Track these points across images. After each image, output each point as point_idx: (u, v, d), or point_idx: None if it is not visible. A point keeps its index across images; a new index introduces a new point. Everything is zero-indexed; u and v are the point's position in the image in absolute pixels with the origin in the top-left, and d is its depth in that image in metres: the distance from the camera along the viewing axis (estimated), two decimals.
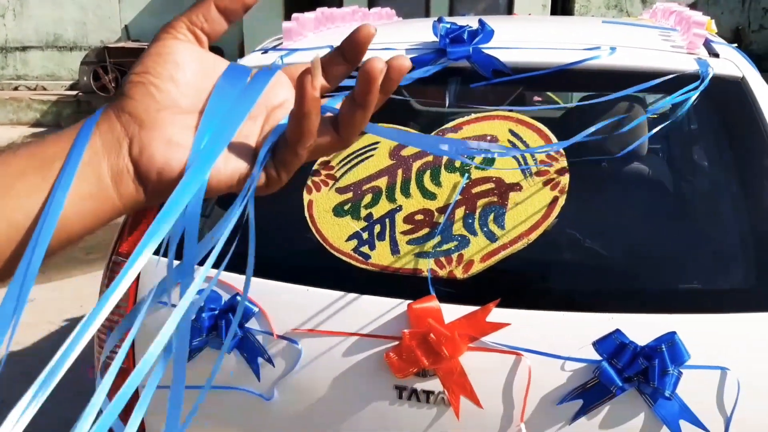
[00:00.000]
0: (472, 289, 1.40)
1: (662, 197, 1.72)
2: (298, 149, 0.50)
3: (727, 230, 1.53)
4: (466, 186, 1.47)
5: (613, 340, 1.31)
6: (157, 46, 0.52)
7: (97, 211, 0.49)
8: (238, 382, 1.52)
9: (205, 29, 0.53)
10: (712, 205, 1.63)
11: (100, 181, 0.48)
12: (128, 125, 0.49)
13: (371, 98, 0.49)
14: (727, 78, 1.52)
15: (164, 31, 0.53)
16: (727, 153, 1.51)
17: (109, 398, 0.44)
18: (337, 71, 0.53)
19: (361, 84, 0.49)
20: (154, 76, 0.51)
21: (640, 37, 1.84)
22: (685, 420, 1.30)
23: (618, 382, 1.29)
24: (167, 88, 0.51)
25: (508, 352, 1.35)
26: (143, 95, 0.50)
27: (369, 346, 1.42)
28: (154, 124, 0.49)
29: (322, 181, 1.56)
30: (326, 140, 0.52)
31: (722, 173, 1.59)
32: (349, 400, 1.45)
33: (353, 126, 0.51)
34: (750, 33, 11.37)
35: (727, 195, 1.55)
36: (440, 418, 1.40)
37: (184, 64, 0.52)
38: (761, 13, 11.39)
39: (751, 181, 1.45)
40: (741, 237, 1.46)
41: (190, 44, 0.53)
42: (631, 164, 1.71)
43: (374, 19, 2.37)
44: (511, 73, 1.56)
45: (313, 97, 0.48)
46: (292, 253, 1.67)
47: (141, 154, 0.49)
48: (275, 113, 0.53)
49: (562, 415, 1.34)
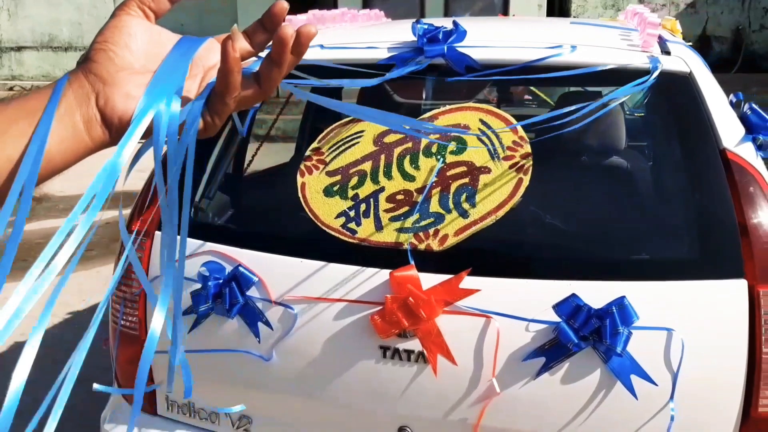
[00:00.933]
0: (447, 260, 1.57)
1: (617, 180, 1.90)
2: (226, 99, 0.62)
3: (673, 209, 1.71)
4: (441, 169, 1.64)
5: (571, 304, 1.48)
6: (114, 20, 0.64)
7: (74, 150, 0.61)
8: (240, 345, 1.68)
9: (152, 8, 0.65)
10: (661, 186, 1.81)
11: (74, 127, 0.60)
12: (94, 83, 0.61)
13: (285, 57, 0.62)
14: (676, 73, 1.70)
15: (119, 8, 0.65)
16: (675, 140, 1.69)
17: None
18: (260, 39, 0.66)
19: (276, 45, 0.62)
20: (113, 44, 0.63)
21: (602, 36, 2.02)
22: (635, 375, 1.47)
23: (575, 340, 1.46)
24: (123, 53, 0.63)
25: (479, 315, 1.52)
26: (105, 59, 0.62)
27: (356, 311, 1.59)
28: (115, 82, 0.62)
29: (313, 166, 1.73)
30: (250, 92, 0.64)
31: (671, 158, 1.77)
32: (338, 359, 1.62)
33: (271, 80, 0.64)
34: (750, 33, 11.45)
35: (674, 178, 1.73)
36: (419, 375, 1.57)
37: (136, 34, 0.64)
38: (761, 13, 11.45)
39: (695, 165, 1.63)
40: (686, 215, 1.63)
41: (141, 19, 0.65)
42: (590, 151, 1.89)
43: (363, 20, 2.54)
44: (481, 69, 1.73)
45: (234, 57, 0.60)
46: (287, 230, 1.84)
47: (105, 104, 0.61)
48: (210, 73, 0.66)
49: (527, 371, 1.51)
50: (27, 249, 0.52)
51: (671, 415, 1.46)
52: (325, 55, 1.86)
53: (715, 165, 1.56)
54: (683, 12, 11.55)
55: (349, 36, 2.04)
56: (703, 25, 11.59)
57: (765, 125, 1.65)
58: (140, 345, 1.80)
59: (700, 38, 11.49)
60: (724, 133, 1.60)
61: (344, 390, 1.63)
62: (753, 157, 1.60)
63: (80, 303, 4.59)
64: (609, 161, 1.94)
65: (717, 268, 1.50)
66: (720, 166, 1.56)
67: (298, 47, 0.62)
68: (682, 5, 11.57)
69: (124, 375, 1.88)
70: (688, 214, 1.62)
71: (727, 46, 11.57)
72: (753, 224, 1.50)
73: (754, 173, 1.56)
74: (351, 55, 1.89)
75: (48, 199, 7.28)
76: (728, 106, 1.69)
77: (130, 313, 1.81)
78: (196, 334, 1.72)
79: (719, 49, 11.57)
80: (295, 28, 0.61)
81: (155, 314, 0.64)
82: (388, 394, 1.60)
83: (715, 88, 1.73)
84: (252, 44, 0.66)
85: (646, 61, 1.70)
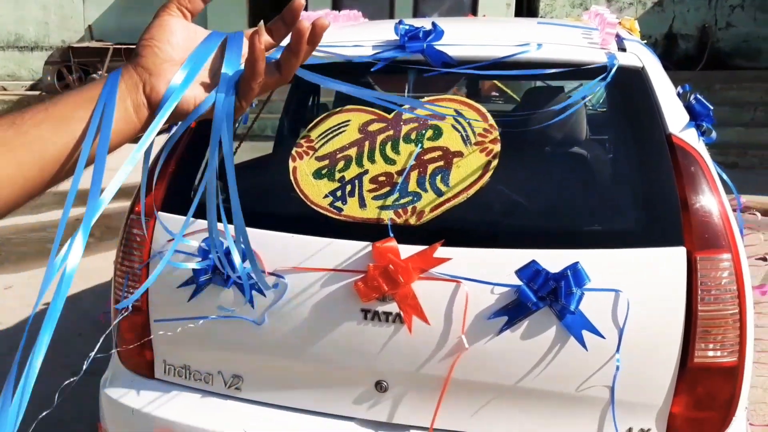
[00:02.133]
0: (423, 233, 1.76)
1: (574, 162, 2.09)
2: (252, 84, 0.73)
3: (624, 186, 1.91)
4: (419, 154, 1.84)
5: (531, 269, 1.67)
6: (157, 20, 0.75)
7: (125, 130, 0.72)
8: (236, 311, 1.87)
9: (189, 8, 0.76)
10: (614, 167, 2.00)
11: (126, 111, 0.71)
12: (142, 74, 0.72)
13: (301, 47, 0.73)
14: (629, 68, 1.90)
15: (162, 9, 0.75)
16: (628, 126, 1.89)
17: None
18: (280, 32, 0.77)
19: (294, 37, 0.73)
20: (157, 41, 0.73)
21: (566, 35, 2.22)
22: (586, 330, 1.66)
23: (534, 300, 1.65)
24: (165, 48, 0.73)
25: (449, 280, 1.71)
26: (150, 53, 0.73)
27: (341, 279, 1.78)
28: (159, 72, 0.73)
29: (304, 152, 1.93)
30: (272, 78, 0.76)
31: (623, 143, 1.97)
32: (325, 321, 1.80)
33: (290, 67, 0.76)
34: (716, 30, 11.60)
35: (626, 159, 1.93)
36: (396, 334, 1.76)
37: (176, 31, 0.75)
38: (728, 11, 11.59)
39: (644, 149, 1.82)
40: (634, 191, 1.83)
41: (179, 18, 0.75)
42: (551, 137, 2.08)
43: (344, 20, 2.75)
44: (456, 65, 1.93)
45: (260, 49, 0.72)
46: (280, 209, 2.02)
47: (151, 91, 0.72)
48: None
49: (492, 328, 1.70)
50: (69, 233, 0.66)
51: (617, 366, 1.65)
52: (315, 52, 2.06)
53: (662, 148, 1.76)
54: (650, 10, 11.72)
55: (337, 35, 2.24)
56: (669, 23, 11.77)
57: (707, 113, 1.85)
58: (142, 316, 2.00)
59: (666, 36, 11.71)
60: (670, 120, 1.80)
61: (328, 349, 1.82)
62: (695, 141, 1.79)
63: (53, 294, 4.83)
64: (568, 146, 2.14)
65: (660, 237, 1.70)
66: (666, 149, 1.76)
67: (314, 37, 0.73)
68: (649, 3, 11.74)
69: (124, 343, 2.05)
70: (637, 191, 1.81)
71: (693, 44, 11.74)
72: (692, 200, 1.69)
73: (695, 155, 1.75)
74: (338, 52, 2.08)
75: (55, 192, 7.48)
76: (676, 97, 1.89)
77: (133, 287, 1.99)
78: (196, 302, 1.90)
79: (685, 46, 11.76)
80: (309, 22, 0.74)
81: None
82: (367, 351, 1.79)
83: (665, 81, 1.93)
84: (273, 37, 0.77)
85: (604, 58, 1.90)
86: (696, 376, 1.68)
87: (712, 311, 1.66)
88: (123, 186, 0.73)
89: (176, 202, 1.95)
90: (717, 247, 1.66)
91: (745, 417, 1.80)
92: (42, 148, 0.68)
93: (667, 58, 11.31)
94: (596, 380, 1.69)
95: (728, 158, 9.06)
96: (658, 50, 11.36)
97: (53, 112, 0.69)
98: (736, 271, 1.66)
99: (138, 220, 1.98)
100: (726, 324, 1.67)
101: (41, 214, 6.64)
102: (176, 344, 1.97)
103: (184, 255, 1.90)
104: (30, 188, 0.69)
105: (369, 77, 2.45)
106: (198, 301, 1.90)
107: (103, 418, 2.12)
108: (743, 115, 9.94)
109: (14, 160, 0.67)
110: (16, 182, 0.67)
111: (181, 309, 1.92)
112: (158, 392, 2.02)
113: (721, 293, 1.66)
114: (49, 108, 0.69)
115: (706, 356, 1.68)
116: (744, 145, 9.40)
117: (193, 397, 1.98)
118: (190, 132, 1.98)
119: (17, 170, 0.67)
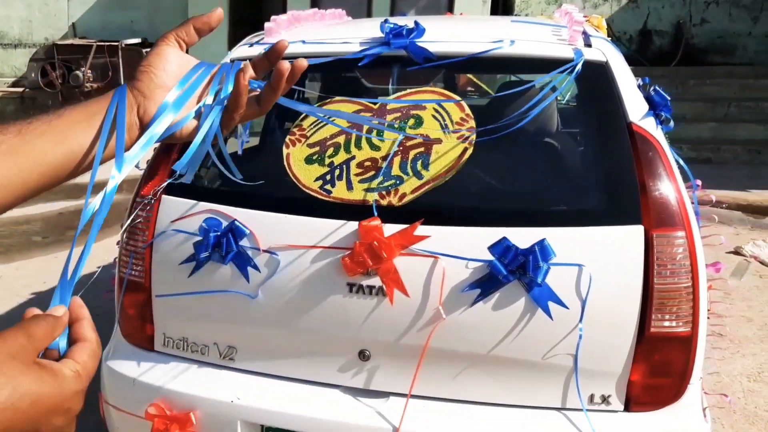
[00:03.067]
0: (405, 213, 1.91)
1: (543, 149, 2.26)
2: (234, 115, 0.82)
3: (588, 170, 2.07)
4: (402, 141, 2.00)
5: (502, 245, 1.83)
6: (156, 49, 0.82)
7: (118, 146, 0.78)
8: (231, 286, 2.02)
9: (186, 40, 0.84)
10: (578, 152, 2.16)
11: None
12: (137, 96, 0.79)
13: (281, 85, 0.80)
14: (594, 62, 2.07)
15: (161, 40, 0.83)
16: (592, 115, 2.05)
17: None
18: (263, 67, 0.84)
19: (275, 76, 0.80)
20: (154, 67, 0.81)
21: (537, 32, 2.39)
22: (552, 301, 1.82)
23: (504, 273, 1.81)
24: (161, 74, 0.81)
25: (428, 256, 1.87)
26: (147, 79, 0.80)
27: (329, 255, 1.93)
28: (152, 96, 0.80)
29: (296, 139, 2.09)
30: (252, 111, 0.83)
31: (588, 131, 2.13)
32: (313, 295, 1.96)
33: (269, 102, 0.83)
34: (691, 26, 11.66)
35: (590, 146, 2.09)
36: (379, 306, 1.91)
37: (171, 60, 0.82)
38: (702, 7, 11.65)
39: (607, 136, 1.99)
40: (597, 175, 1.99)
41: (175, 48, 0.83)
42: (523, 125, 2.24)
43: (329, 19, 2.92)
44: (436, 59, 2.09)
45: (244, 85, 0.80)
46: (275, 191, 2.18)
47: (144, 113, 0.80)
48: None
49: (466, 300, 1.86)
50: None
51: (580, 335, 1.81)
52: (307, 48, 2.22)
53: (622, 135, 1.92)
54: (625, 7, 11.81)
55: (326, 33, 2.40)
56: (644, 19, 11.84)
57: (665, 103, 2.02)
58: (144, 292, 2.15)
59: (641, 32, 11.79)
60: (631, 109, 1.96)
61: (316, 320, 1.97)
62: (654, 129, 1.95)
63: (41, 284, 5.02)
64: (538, 134, 2.30)
65: (620, 216, 1.85)
66: (626, 136, 1.92)
67: (292, 77, 0.80)
68: (624, 0, 11.83)
69: (127, 318, 2.21)
70: (599, 174, 1.97)
71: (668, 40, 11.82)
72: (650, 182, 1.85)
73: (653, 142, 1.92)
74: (328, 48, 2.25)
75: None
76: (636, 89, 2.06)
77: (138, 264, 2.15)
78: (195, 278, 2.05)
79: (660, 42, 11.84)
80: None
81: None
82: (352, 322, 1.94)
83: (627, 74, 2.10)
84: (256, 71, 0.84)
85: (571, 53, 2.06)
86: (653, 345, 1.84)
87: (668, 284, 1.82)
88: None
89: (180, 185, 2.10)
90: (672, 225, 1.82)
91: (700, 385, 1.96)
92: (42, 157, 0.74)
93: (642, 54, 11.35)
94: (561, 349, 1.85)
95: (702, 153, 9.22)
96: (633, 46, 11.45)
97: (56, 125, 0.76)
98: (689, 248, 1.82)
99: (143, 202, 2.13)
100: (680, 296, 1.83)
101: (26, 208, 6.80)
102: (175, 318, 2.13)
103: (186, 234, 2.05)
104: (27, 192, 0.75)
105: (357, 71, 2.61)
106: (197, 277, 2.05)
107: (104, 389, 2.26)
108: (717, 110, 10.07)
109: (16, 167, 0.73)
110: (14, 185, 0.73)
111: (181, 285, 2.07)
112: (157, 363, 2.16)
113: (676, 268, 1.82)
114: (53, 120, 0.76)
115: (662, 326, 1.84)
116: (718, 141, 9.56)
117: (190, 368, 2.13)
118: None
119: (17, 175, 0.73)
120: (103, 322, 2.23)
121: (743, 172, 8.63)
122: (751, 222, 6.48)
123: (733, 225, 6.49)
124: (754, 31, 11.68)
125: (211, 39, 0.95)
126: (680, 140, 9.20)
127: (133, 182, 2.18)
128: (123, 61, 10.73)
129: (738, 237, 6.12)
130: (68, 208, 6.92)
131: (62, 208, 6.91)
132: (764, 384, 3.69)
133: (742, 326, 4.38)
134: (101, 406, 2.30)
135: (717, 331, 2.34)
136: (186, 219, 2.08)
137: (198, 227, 2.04)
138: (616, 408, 1.89)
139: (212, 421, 2.03)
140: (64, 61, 10.62)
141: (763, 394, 3.59)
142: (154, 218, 2.12)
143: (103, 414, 2.28)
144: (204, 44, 1.22)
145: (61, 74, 10.58)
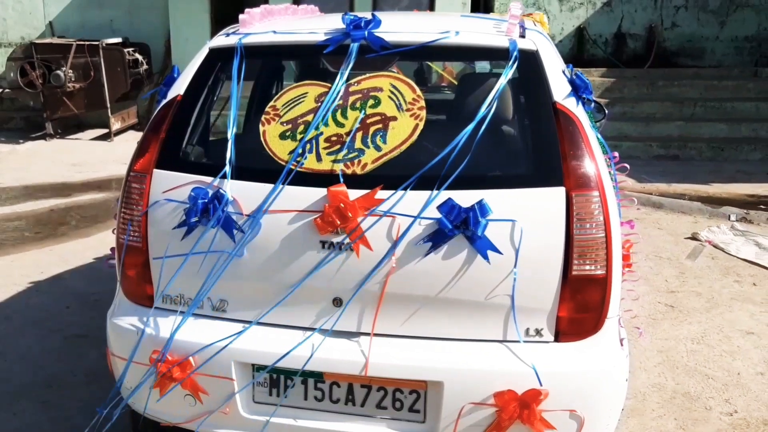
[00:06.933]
0: (366, 180, 2.24)
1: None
2: None
3: (519, 142, 2.44)
4: (363, 118, 2.34)
5: (449, 204, 2.18)
6: None
7: None
8: (220, 247, 2.35)
9: None
10: (512, 129, 2.52)
11: None
12: None
13: None
14: (526, 50, 2.42)
15: None
16: (524, 98, 2.41)
17: None
18: None
19: None
20: None
21: (481, 25, 2.74)
22: (490, 250, 2.18)
23: (450, 227, 2.17)
24: None
25: (387, 215, 2.21)
26: None
27: (303, 217, 2.26)
28: None
29: (271, 118, 2.41)
30: None
31: (520, 111, 2.49)
32: (291, 251, 2.29)
33: None
34: (663, 30, 12.16)
35: (522, 121, 2.45)
36: (348, 258, 2.25)
37: None
38: (673, 11, 12.16)
39: (535, 113, 2.35)
40: (526, 146, 2.36)
41: None
42: (471, 108, 2.59)
43: (302, 14, 3.24)
44: (392, 48, 2.43)
45: None
46: (254, 164, 2.49)
47: None
48: None
49: (419, 252, 2.21)
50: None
51: (515, 278, 2.18)
52: (277, 38, 2.54)
53: (548, 112, 2.28)
54: (600, 10, 12.29)
55: (294, 24, 2.71)
56: (618, 22, 12.34)
57: (586, 86, 2.39)
58: (142, 255, 2.46)
59: (616, 35, 12.28)
60: (556, 91, 2.32)
61: (295, 274, 2.30)
62: (575, 108, 2.32)
63: (38, 274, 5.29)
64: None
65: (546, 180, 2.22)
66: (551, 113, 2.28)
67: None
68: (599, 4, 12.28)
69: (127, 279, 2.52)
70: (529, 145, 2.34)
71: (641, 43, 12.35)
72: (570, 152, 2.22)
73: (574, 118, 2.28)
74: (297, 38, 2.56)
75: None
76: (562, 74, 2.42)
77: (135, 230, 2.45)
78: (187, 241, 2.37)
79: (634, 45, 12.37)
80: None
81: None
82: (326, 274, 2.28)
83: (555, 61, 2.46)
84: None
85: (507, 42, 2.42)
86: (575, 285, 2.22)
87: (586, 235, 2.19)
88: (97, 179, 1.04)
89: (169, 160, 2.41)
90: (588, 187, 2.19)
91: (617, 320, 2.35)
92: None
93: (617, 57, 11.97)
94: (500, 290, 2.21)
95: (670, 150, 9.90)
96: (609, 49, 12.02)
97: None
98: (603, 206, 2.19)
99: (137, 176, 2.44)
100: (597, 245, 2.20)
101: (15, 205, 7.13)
102: (171, 277, 2.44)
103: (177, 203, 2.36)
104: None
105: (322, 58, 2.93)
106: (189, 240, 2.37)
107: (110, 344, 2.58)
108: (684, 110, 10.69)
109: None
110: None
111: (175, 248, 2.39)
112: (157, 317, 2.48)
113: (593, 222, 2.19)
114: None
115: (582, 270, 2.21)
116: (684, 138, 10.19)
117: (187, 320, 2.45)
118: (180, 101, 2.46)
119: None
120: (102, 306, 2.38)
121: (707, 168, 9.27)
122: (709, 211, 7.07)
123: (693, 214, 7.06)
124: (721, 35, 12.25)
125: (196, 38, 1.13)
126: (650, 138, 10.03)
127: (121, 181, 2.49)
128: (104, 61, 10.52)
129: (696, 224, 6.75)
130: (58, 206, 7.12)
131: (53, 206, 7.12)
132: (705, 345, 4.30)
133: (692, 299, 4.98)
134: (108, 359, 2.61)
135: (630, 270, 2.78)
136: (176, 189, 2.39)
137: (188, 196, 2.35)
138: (547, 339, 2.27)
139: (209, 363, 2.35)
140: (43, 60, 10.42)
141: (704, 354, 4.19)
142: (147, 189, 2.43)
143: (111, 364, 2.59)
144: (188, 42, 1.44)
145: (42, 74, 10.41)
